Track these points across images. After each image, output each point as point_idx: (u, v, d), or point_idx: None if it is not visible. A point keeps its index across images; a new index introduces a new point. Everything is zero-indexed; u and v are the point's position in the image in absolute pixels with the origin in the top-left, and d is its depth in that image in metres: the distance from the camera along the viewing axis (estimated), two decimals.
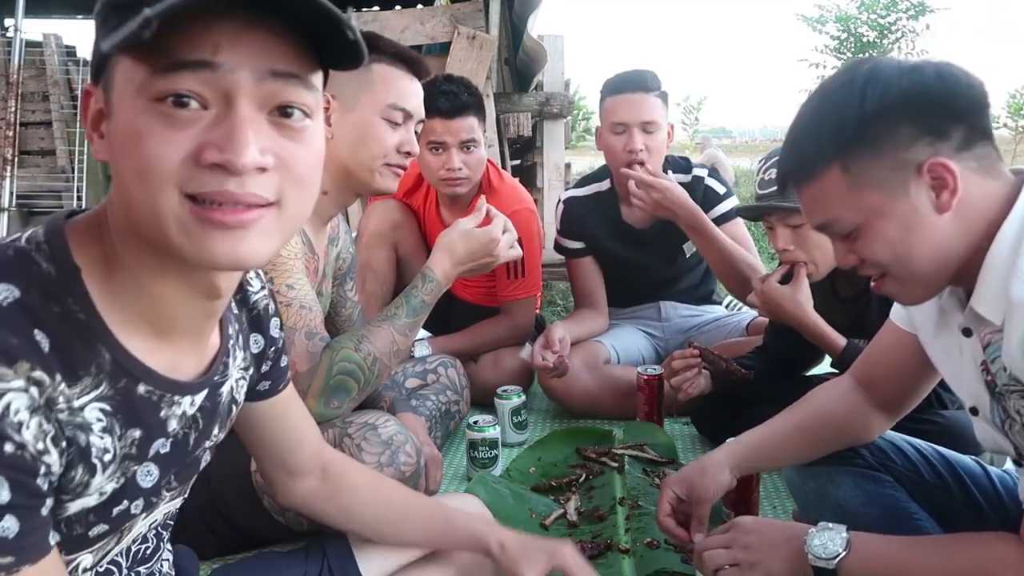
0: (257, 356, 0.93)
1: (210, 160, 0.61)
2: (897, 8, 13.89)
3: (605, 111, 2.31)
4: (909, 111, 0.92)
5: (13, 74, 4.25)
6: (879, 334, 1.30)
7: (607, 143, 2.30)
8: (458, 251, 1.61)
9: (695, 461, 1.36)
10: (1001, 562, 0.93)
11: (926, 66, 0.94)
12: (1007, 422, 1.01)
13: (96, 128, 0.67)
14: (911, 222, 0.94)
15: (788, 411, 1.35)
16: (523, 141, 4.18)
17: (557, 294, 4.26)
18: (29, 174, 4.38)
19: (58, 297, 0.65)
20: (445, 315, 2.55)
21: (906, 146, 0.92)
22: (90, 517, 0.71)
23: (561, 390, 2.27)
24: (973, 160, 0.93)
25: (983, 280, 0.93)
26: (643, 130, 2.23)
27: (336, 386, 1.41)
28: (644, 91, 2.25)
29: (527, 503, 1.68)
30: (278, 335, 0.97)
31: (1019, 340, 0.88)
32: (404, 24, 3.84)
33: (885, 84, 0.93)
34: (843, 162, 0.95)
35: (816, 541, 1.04)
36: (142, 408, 0.71)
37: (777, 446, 1.33)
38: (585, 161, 17.20)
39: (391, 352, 1.49)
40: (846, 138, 0.94)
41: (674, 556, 1.41)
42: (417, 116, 1.55)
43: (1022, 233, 0.90)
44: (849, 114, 0.93)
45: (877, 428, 1.31)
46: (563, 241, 2.53)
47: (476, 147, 2.22)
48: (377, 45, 1.49)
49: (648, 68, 2.34)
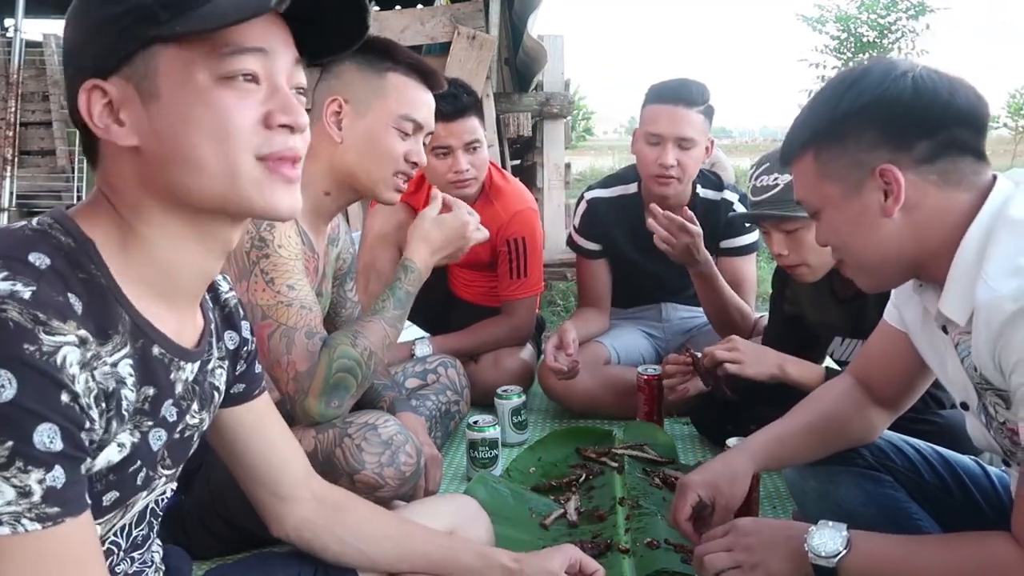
0: (233, 352, 0.96)
1: (280, 122, 0.75)
2: (897, 8, 13.90)
3: (643, 117, 2.24)
4: (877, 118, 0.99)
5: (13, 74, 4.26)
6: (874, 334, 1.32)
7: (640, 150, 2.24)
8: (434, 238, 1.62)
9: (718, 463, 1.31)
10: (1001, 561, 0.93)
11: (908, 77, 0.98)
12: (990, 420, 1.02)
13: (115, 117, 0.73)
14: (859, 218, 1.02)
15: (797, 411, 1.34)
16: (523, 141, 4.18)
17: (557, 294, 4.26)
18: (29, 174, 4.38)
19: (81, 264, 0.71)
20: (445, 315, 2.55)
21: (867, 149, 1.00)
22: (110, 477, 0.75)
23: (561, 390, 2.27)
24: (934, 173, 0.98)
25: (949, 283, 0.98)
26: (678, 145, 2.16)
27: (336, 384, 1.41)
28: (687, 105, 2.16)
29: (527, 503, 1.68)
30: (250, 336, 1.00)
31: (984, 340, 0.92)
32: (404, 24, 3.83)
33: (862, 89, 1.00)
34: (815, 150, 1.05)
35: (816, 540, 1.04)
36: (156, 368, 0.78)
37: (793, 446, 1.32)
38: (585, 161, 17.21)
39: (383, 346, 1.49)
40: (820, 130, 1.04)
41: (674, 556, 1.41)
42: (427, 128, 1.55)
43: (986, 239, 0.95)
44: (828, 110, 1.03)
45: (879, 425, 1.32)
46: (579, 240, 2.49)
47: (480, 147, 2.22)
48: (393, 55, 1.49)
49: (696, 80, 2.23)
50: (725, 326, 2.23)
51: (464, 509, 1.30)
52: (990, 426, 1.04)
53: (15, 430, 0.62)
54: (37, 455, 0.63)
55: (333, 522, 1.05)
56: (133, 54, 0.71)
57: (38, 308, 0.64)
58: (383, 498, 1.41)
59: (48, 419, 0.63)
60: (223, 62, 0.72)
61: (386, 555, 1.06)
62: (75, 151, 4.26)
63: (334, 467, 1.39)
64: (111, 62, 0.72)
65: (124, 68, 0.72)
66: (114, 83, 0.72)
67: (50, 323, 0.65)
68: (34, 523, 0.62)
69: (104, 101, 0.72)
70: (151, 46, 0.71)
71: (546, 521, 1.61)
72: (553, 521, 1.62)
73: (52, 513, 0.63)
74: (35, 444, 0.63)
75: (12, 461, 0.62)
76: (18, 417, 0.62)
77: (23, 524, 0.62)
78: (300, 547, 1.05)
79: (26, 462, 0.62)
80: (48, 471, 0.63)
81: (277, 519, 1.04)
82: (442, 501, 1.40)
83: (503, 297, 2.42)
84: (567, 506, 1.67)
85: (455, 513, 1.26)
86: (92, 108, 0.72)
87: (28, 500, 0.62)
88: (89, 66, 0.73)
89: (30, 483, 0.62)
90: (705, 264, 2.13)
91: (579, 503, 1.70)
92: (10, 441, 0.62)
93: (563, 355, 2.15)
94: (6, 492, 0.61)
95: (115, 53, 0.72)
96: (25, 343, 0.63)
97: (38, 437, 0.63)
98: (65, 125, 4.31)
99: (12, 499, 0.62)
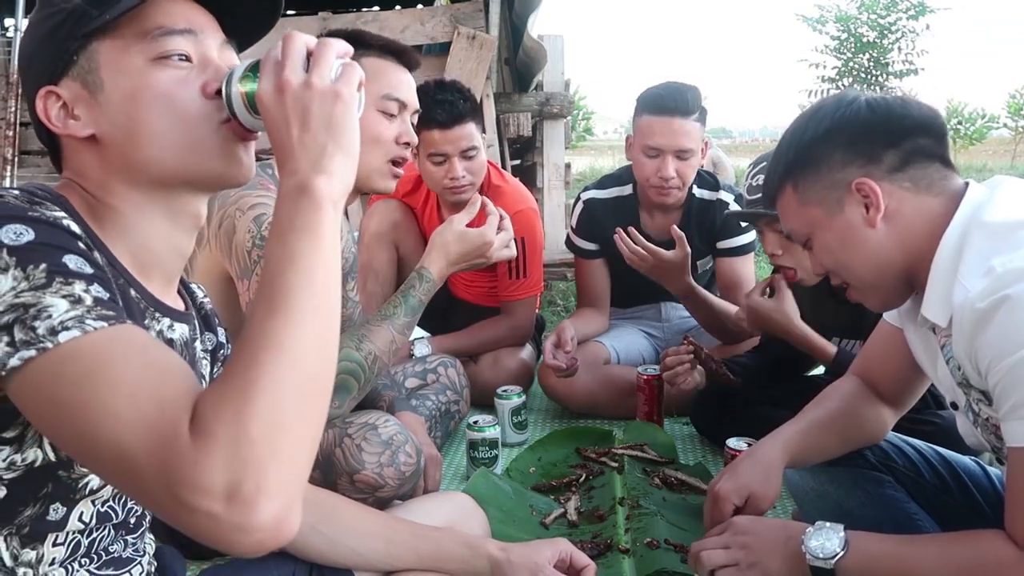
0: (212, 352, 0.98)
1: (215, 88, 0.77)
2: (897, 8, 13.88)
3: (639, 129, 2.21)
4: (841, 139, 1.06)
5: (13, 74, 4.25)
6: (874, 332, 1.33)
7: (637, 160, 2.23)
8: (452, 251, 1.61)
9: (746, 464, 1.27)
10: (996, 558, 0.94)
11: (861, 99, 1.08)
12: (976, 417, 1.04)
13: (70, 114, 0.78)
14: (846, 234, 1.08)
15: (812, 408, 1.33)
16: (523, 141, 4.18)
17: (557, 294, 4.26)
18: (29, 174, 4.37)
19: (60, 204, 0.74)
20: (445, 315, 2.55)
21: (840, 168, 1.07)
22: None
23: (561, 390, 2.28)
24: (907, 180, 1.05)
25: (929, 287, 1.02)
26: (677, 157, 2.16)
27: (339, 386, 1.41)
28: (683, 115, 2.14)
29: (528, 500, 1.69)
30: (226, 341, 1.02)
31: (961, 341, 0.96)
32: (404, 24, 3.84)
33: (821, 117, 1.09)
34: (793, 182, 1.11)
35: (813, 542, 1.05)
36: (133, 309, 0.78)
37: (817, 440, 1.29)
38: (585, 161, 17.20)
39: (390, 351, 1.49)
40: (792, 162, 1.11)
41: (674, 556, 1.42)
42: (412, 106, 1.54)
43: (961, 242, 0.99)
44: (795, 142, 1.11)
45: (889, 423, 1.33)
46: (577, 240, 2.49)
47: (477, 153, 2.21)
48: (363, 40, 1.48)
49: (689, 84, 2.21)
50: (723, 333, 2.25)
51: (460, 506, 1.29)
52: (977, 424, 1.06)
53: (45, 256, 0.64)
54: (73, 271, 0.64)
55: (321, 523, 1.04)
56: (76, 54, 0.77)
57: (32, 201, 0.70)
58: (383, 498, 1.41)
59: (72, 251, 0.66)
60: (155, 43, 0.76)
61: (376, 552, 1.06)
62: None
63: (334, 467, 1.39)
64: (59, 67, 0.77)
65: (71, 70, 0.77)
66: (65, 86, 0.77)
67: (44, 204, 0.70)
68: (99, 321, 0.63)
69: (59, 104, 0.77)
70: (90, 43, 0.76)
71: (546, 520, 1.61)
72: (553, 521, 1.62)
73: (109, 316, 0.64)
74: (68, 264, 0.65)
75: (52, 279, 0.63)
76: (43, 251, 0.64)
77: (88, 324, 0.62)
78: (290, 551, 1.04)
79: (65, 276, 0.64)
80: (89, 284, 0.65)
81: None
82: (439, 499, 1.40)
83: (503, 297, 2.42)
84: (567, 506, 1.67)
85: (451, 511, 1.26)
86: (49, 112, 0.78)
87: (83, 305, 0.63)
88: (42, 74, 0.78)
89: (76, 292, 0.63)
90: (683, 287, 2.14)
91: (579, 503, 1.70)
92: (43, 263, 0.63)
93: (562, 353, 2.15)
94: (59, 304, 0.62)
95: (61, 57, 0.77)
96: (29, 211, 0.67)
97: (68, 260, 0.65)
98: None
99: (67, 307, 0.62)
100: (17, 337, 0.61)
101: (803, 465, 1.33)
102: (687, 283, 2.14)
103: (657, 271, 2.12)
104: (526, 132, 4.00)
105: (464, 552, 1.09)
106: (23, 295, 0.62)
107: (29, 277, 0.62)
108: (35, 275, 0.63)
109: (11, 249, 0.63)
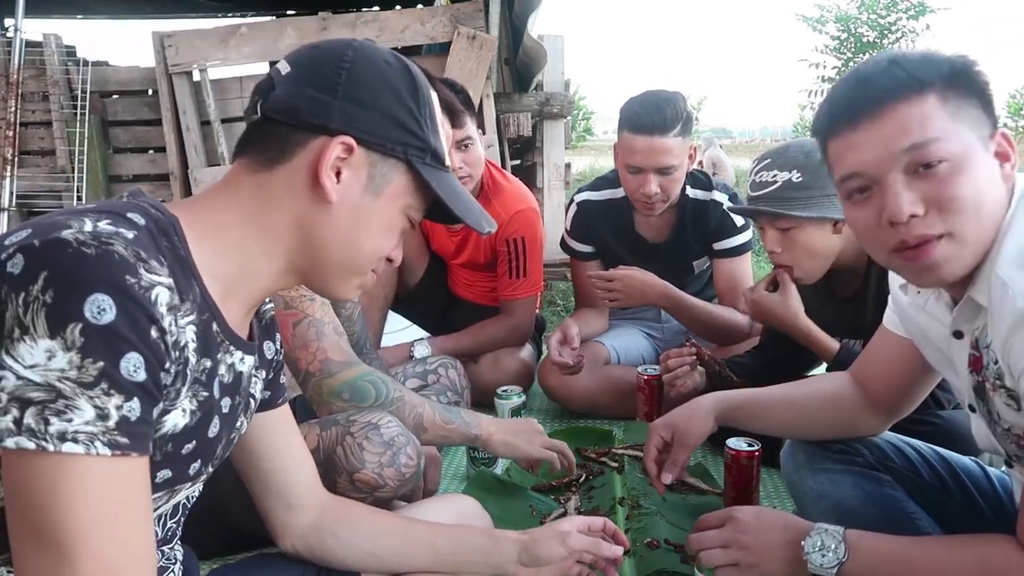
0: (269, 361, 0.99)
1: None
2: (897, 8, 13.87)
3: (621, 144, 2.17)
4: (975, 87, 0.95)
5: (13, 74, 4.25)
6: (873, 339, 1.31)
7: (622, 173, 2.22)
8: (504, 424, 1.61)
9: (683, 406, 1.44)
10: (1003, 565, 0.93)
11: None
12: (995, 425, 1.02)
13: (338, 172, 0.83)
14: (991, 178, 0.94)
15: (784, 384, 1.43)
16: (523, 141, 4.18)
17: (557, 294, 4.26)
18: (29, 174, 4.37)
19: (166, 233, 0.76)
20: (445, 315, 2.55)
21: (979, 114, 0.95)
22: (168, 448, 0.77)
23: (561, 390, 2.28)
24: None
25: (982, 270, 0.94)
26: (659, 173, 2.13)
27: (360, 387, 1.47)
28: (661, 134, 2.07)
29: (527, 500, 1.69)
30: (280, 348, 1.04)
31: (1000, 336, 0.90)
32: (404, 24, 3.84)
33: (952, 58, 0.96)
34: (942, 92, 0.93)
35: (814, 549, 1.04)
36: (212, 345, 0.81)
37: (764, 406, 1.41)
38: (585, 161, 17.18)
39: (411, 415, 1.51)
40: (946, 74, 0.94)
41: (674, 556, 1.42)
42: None
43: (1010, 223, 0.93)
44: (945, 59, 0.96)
45: (870, 423, 1.33)
46: (572, 242, 2.49)
47: (473, 144, 2.22)
48: None
49: (671, 92, 2.16)
50: (718, 335, 2.26)
51: (465, 509, 1.30)
52: (995, 430, 1.03)
53: (108, 352, 0.65)
54: (121, 381, 0.65)
55: (337, 526, 1.05)
56: (393, 156, 0.85)
57: (140, 248, 0.70)
58: (382, 498, 1.41)
59: (137, 349, 0.67)
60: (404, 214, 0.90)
61: (393, 551, 1.07)
62: (75, 151, 4.26)
63: (334, 464, 1.39)
64: (373, 142, 0.83)
65: (376, 153, 0.84)
66: (362, 157, 0.83)
67: (149, 262, 0.70)
68: (105, 448, 0.64)
69: (341, 159, 0.82)
70: (401, 163, 0.86)
71: (546, 521, 1.61)
72: (553, 520, 1.62)
73: (122, 443, 0.65)
74: (121, 370, 0.65)
75: (99, 381, 0.64)
76: (113, 341, 0.65)
77: (96, 446, 0.64)
78: (306, 557, 1.05)
79: (110, 385, 0.65)
80: (127, 400, 0.66)
81: (284, 530, 1.05)
82: (444, 501, 1.40)
83: (503, 297, 2.42)
84: (567, 506, 1.67)
85: (457, 513, 1.26)
86: (329, 153, 0.81)
87: (104, 424, 0.65)
88: (352, 125, 0.82)
89: (109, 407, 0.65)
90: (661, 298, 2.23)
91: (579, 503, 1.70)
92: (101, 362, 0.64)
93: (567, 350, 2.15)
94: (86, 411, 0.64)
95: (384, 141, 0.84)
96: (127, 275, 0.67)
97: (125, 364, 0.66)
98: (65, 125, 4.30)
99: (91, 419, 0.64)
100: (26, 421, 0.63)
101: (736, 423, 1.44)
102: (662, 291, 2.21)
103: (628, 291, 2.20)
104: (526, 132, 4.00)
105: (486, 542, 1.10)
106: (66, 383, 0.63)
107: (82, 369, 0.64)
108: (88, 370, 0.64)
109: (85, 328, 0.64)
